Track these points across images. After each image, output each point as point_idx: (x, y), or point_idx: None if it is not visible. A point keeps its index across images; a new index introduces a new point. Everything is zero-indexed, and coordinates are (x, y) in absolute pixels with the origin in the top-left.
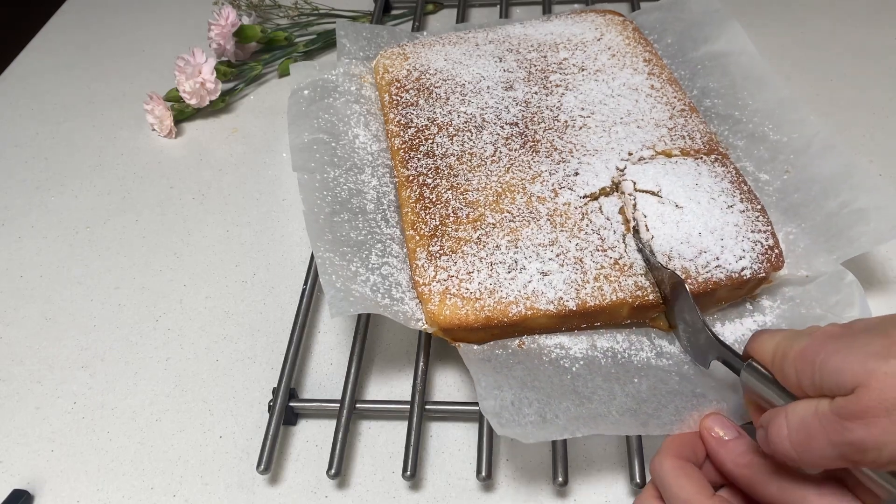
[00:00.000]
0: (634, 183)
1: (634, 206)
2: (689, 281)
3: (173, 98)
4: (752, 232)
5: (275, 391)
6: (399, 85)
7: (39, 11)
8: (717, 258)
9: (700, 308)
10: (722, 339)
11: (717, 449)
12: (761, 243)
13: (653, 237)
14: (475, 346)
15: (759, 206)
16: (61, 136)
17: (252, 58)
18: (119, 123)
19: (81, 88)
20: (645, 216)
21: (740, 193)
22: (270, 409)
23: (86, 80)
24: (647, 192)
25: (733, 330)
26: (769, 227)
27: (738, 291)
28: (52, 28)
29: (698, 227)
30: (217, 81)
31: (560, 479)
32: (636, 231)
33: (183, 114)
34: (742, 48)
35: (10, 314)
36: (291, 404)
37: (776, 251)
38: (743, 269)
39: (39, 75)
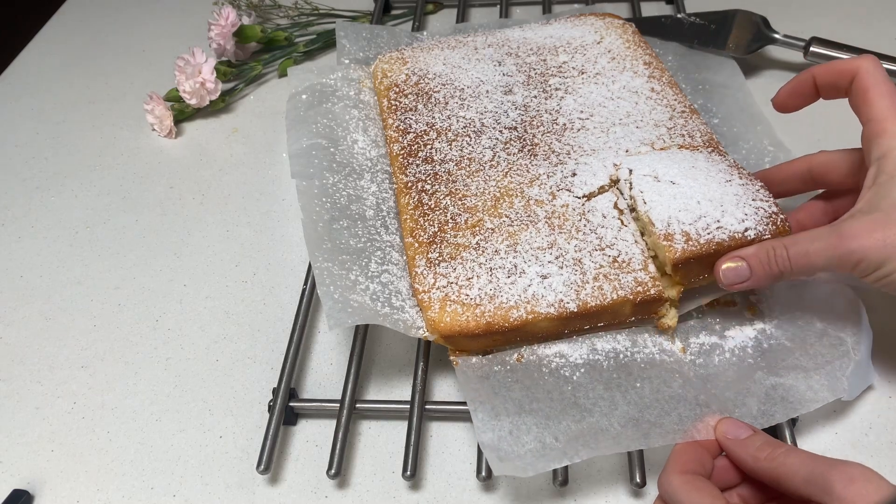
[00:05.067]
0: (630, 170)
1: (630, 186)
2: (690, 242)
3: (173, 98)
4: (754, 200)
5: (275, 391)
6: (398, 90)
7: (39, 11)
8: (718, 220)
9: (708, 274)
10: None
11: (736, 448)
12: (764, 209)
13: (650, 209)
14: (473, 360)
15: (758, 184)
16: (61, 136)
17: (252, 58)
18: (119, 123)
19: (81, 88)
20: (641, 192)
21: (738, 173)
22: (270, 409)
23: (86, 80)
24: (643, 175)
25: (734, 334)
26: (771, 198)
27: None
28: (52, 28)
29: (696, 197)
30: (217, 81)
31: (560, 479)
32: (633, 208)
33: (183, 114)
34: (739, 86)
35: (10, 314)
36: (291, 404)
37: (781, 216)
38: (747, 230)
39: (39, 75)
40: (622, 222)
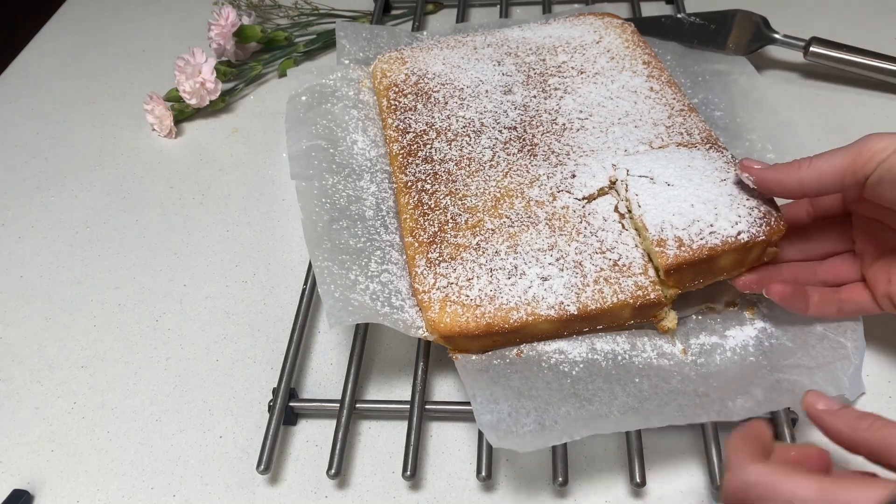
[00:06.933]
0: (627, 170)
1: (626, 188)
2: (682, 248)
3: (173, 98)
4: (748, 199)
5: (275, 391)
6: (397, 89)
7: (39, 11)
8: (712, 225)
9: (703, 279)
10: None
11: (830, 419)
12: (758, 209)
13: (644, 213)
14: (473, 357)
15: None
16: (61, 136)
17: (252, 58)
18: (119, 123)
19: (81, 88)
20: (637, 195)
21: (735, 170)
22: (270, 409)
23: (86, 80)
24: (639, 176)
25: (735, 334)
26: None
27: (742, 259)
28: (52, 28)
29: (691, 199)
30: (217, 81)
31: (560, 479)
32: (629, 210)
33: (183, 114)
34: (742, 69)
35: (10, 314)
36: (291, 404)
37: (775, 215)
38: (739, 234)
39: (39, 75)
40: (623, 226)
